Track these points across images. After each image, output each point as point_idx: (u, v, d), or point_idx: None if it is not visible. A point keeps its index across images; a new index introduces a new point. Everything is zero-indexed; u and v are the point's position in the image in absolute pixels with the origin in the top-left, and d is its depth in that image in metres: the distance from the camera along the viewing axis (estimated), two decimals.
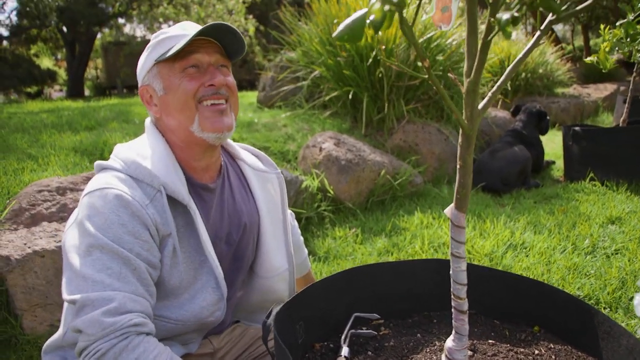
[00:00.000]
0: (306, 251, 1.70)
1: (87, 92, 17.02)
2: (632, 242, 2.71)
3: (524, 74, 7.19)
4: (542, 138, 4.36)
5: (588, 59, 5.09)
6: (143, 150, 1.19)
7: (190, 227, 1.18)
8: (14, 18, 13.42)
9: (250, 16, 12.38)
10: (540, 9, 0.65)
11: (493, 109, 5.12)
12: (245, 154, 1.45)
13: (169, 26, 1.54)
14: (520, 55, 0.79)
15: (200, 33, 1.15)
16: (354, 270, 1.22)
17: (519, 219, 3.05)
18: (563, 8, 0.64)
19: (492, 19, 0.68)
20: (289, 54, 4.87)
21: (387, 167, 3.27)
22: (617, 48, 3.71)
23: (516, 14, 0.63)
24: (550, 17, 0.75)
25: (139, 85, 1.26)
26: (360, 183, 3.17)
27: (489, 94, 0.82)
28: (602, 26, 3.80)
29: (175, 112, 1.19)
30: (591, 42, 15.39)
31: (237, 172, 1.41)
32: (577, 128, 3.93)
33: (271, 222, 1.41)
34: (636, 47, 3.48)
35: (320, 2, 4.27)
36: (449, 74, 0.80)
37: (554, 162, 4.61)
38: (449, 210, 0.89)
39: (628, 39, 3.80)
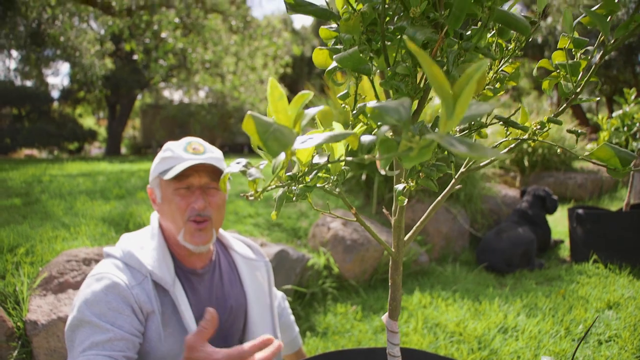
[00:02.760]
0: (297, 329, 1.90)
1: (123, 150, 17.93)
2: (626, 330, 2.77)
3: (540, 150, 7.35)
4: (554, 215, 4.47)
5: (588, 147, 5.23)
6: (141, 241, 1.48)
7: (176, 308, 1.41)
8: (66, 82, 14.57)
9: (282, 85, 13.12)
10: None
11: (503, 187, 5.27)
12: (238, 244, 1.71)
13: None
14: (429, 210, 1.01)
15: (192, 164, 1.45)
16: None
17: (516, 300, 3.15)
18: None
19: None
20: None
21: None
22: (614, 138, 3.87)
23: (411, 183, 0.86)
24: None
25: (149, 183, 1.56)
26: (365, 262, 3.36)
27: (414, 228, 1.04)
28: (601, 116, 3.96)
29: (168, 220, 1.48)
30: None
31: (229, 260, 1.66)
32: (580, 211, 4.05)
33: (258, 306, 1.63)
34: (629, 134, 3.65)
35: (335, 87, 4.64)
36: (384, 211, 1.03)
37: (562, 242, 4.68)
38: (384, 317, 1.09)
39: (625, 128, 3.97)
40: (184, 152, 1.49)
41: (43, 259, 2.79)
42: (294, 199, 0.62)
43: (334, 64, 0.73)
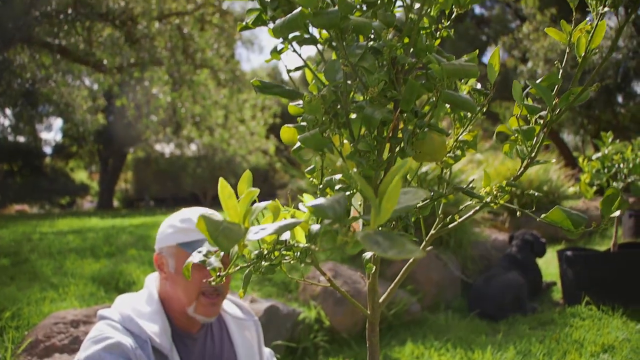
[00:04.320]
0: None
1: (116, 203, 17.90)
2: None
3: (529, 191, 7.44)
4: (545, 257, 4.48)
5: (571, 190, 5.30)
6: (138, 306, 1.47)
7: None
8: (58, 137, 14.75)
9: (272, 135, 13.33)
10: None
11: (493, 231, 5.31)
12: (227, 303, 1.72)
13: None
14: (398, 277, 1.04)
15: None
16: None
17: (509, 347, 3.12)
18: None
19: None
20: (300, 182, 5.26)
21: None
22: (595, 180, 3.94)
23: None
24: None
25: (156, 249, 1.54)
26: (356, 314, 3.34)
27: (389, 289, 1.07)
28: (581, 159, 4.03)
29: (179, 291, 1.48)
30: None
31: (220, 321, 1.67)
32: (569, 253, 4.08)
33: None
34: (609, 176, 3.72)
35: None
36: (359, 275, 1.06)
37: (554, 284, 4.68)
38: None
39: (605, 170, 4.05)
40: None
41: (30, 322, 2.75)
42: (262, 274, 0.65)
43: (298, 142, 0.78)
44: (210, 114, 9.46)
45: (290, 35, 0.89)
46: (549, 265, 5.20)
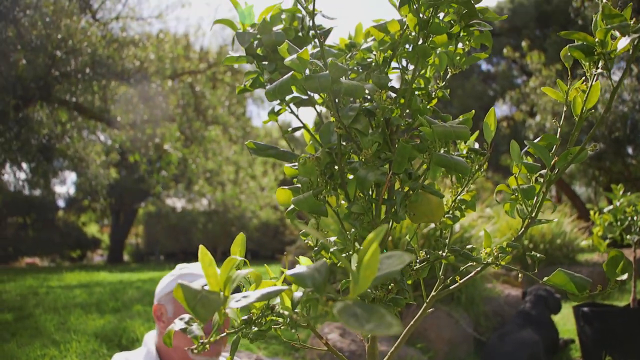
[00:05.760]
0: None
1: (126, 257, 17.86)
2: None
3: (542, 245, 7.31)
4: (562, 314, 4.32)
5: (584, 244, 5.22)
6: None
7: None
8: (72, 191, 14.95)
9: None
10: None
11: (506, 287, 5.17)
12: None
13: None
14: (399, 339, 1.01)
15: None
16: None
17: None
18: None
19: None
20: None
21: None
22: (608, 233, 3.87)
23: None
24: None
25: (155, 301, 1.55)
26: None
27: (389, 353, 1.03)
28: (593, 212, 3.98)
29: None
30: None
31: None
32: (585, 309, 3.94)
33: None
34: (622, 229, 3.65)
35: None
36: (358, 336, 1.03)
37: (573, 341, 4.49)
38: None
39: (618, 223, 3.98)
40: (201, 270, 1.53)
41: None
42: (250, 341, 0.63)
43: (292, 205, 0.77)
44: (222, 170, 9.58)
45: (288, 97, 0.91)
46: (566, 321, 5.03)
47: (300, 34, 0.91)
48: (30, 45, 6.77)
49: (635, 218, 3.68)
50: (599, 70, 0.82)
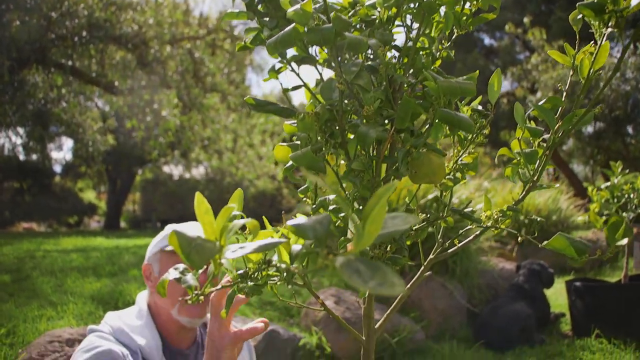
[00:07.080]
0: None
1: (123, 224, 17.91)
2: None
3: (537, 220, 7.34)
4: (554, 288, 4.38)
5: (580, 219, 5.27)
6: (129, 320, 1.47)
7: None
8: (68, 157, 14.88)
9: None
10: None
11: (500, 260, 5.22)
12: None
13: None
14: (393, 304, 1.01)
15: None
16: None
17: None
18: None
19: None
20: (307, 207, 5.23)
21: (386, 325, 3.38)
22: (604, 210, 3.89)
23: None
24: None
25: (144, 262, 1.56)
26: (358, 341, 3.25)
27: (384, 315, 1.03)
28: (590, 188, 3.98)
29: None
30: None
31: None
32: (578, 284, 3.99)
33: None
34: (619, 206, 3.67)
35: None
36: (356, 300, 1.03)
37: (563, 315, 4.56)
38: None
39: (615, 200, 3.99)
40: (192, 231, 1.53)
41: (24, 339, 2.71)
42: (246, 296, 0.62)
43: (290, 161, 0.76)
44: (219, 138, 9.53)
45: (289, 55, 0.88)
46: (557, 296, 5.09)
47: None
48: (25, 5, 6.62)
49: (632, 196, 3.69)
50: (609, 30, 0.79)
